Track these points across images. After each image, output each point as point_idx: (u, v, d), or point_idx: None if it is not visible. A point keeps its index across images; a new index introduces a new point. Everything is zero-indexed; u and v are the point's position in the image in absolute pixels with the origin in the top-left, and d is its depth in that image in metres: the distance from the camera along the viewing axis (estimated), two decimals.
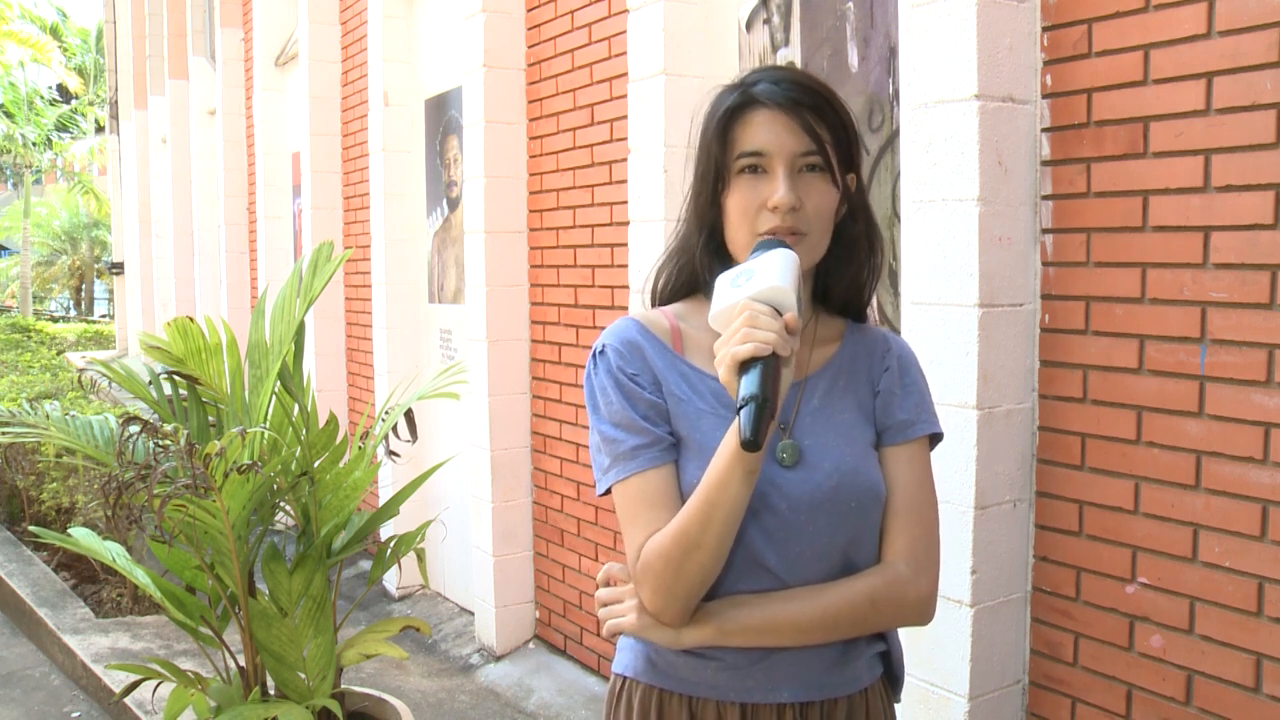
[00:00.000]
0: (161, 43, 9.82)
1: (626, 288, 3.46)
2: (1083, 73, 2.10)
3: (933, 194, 2.21)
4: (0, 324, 13.78)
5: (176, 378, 2.76)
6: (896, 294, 2.60)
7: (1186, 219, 1.95)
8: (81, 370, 8.22)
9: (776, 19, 2.99)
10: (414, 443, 2.92)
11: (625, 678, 1.35)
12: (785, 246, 1.18)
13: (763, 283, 1.12)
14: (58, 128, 22.81)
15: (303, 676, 2.72)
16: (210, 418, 2.83)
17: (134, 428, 2.48)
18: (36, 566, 5.25)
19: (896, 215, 2.59)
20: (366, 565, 5.29)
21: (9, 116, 21.55)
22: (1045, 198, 2.19)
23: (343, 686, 2.88)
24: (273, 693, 2.75)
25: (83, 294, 25.98)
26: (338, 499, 2.73)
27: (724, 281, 1.16)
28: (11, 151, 21.88)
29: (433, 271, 5.05)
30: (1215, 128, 1.89)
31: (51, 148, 23.20)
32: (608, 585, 1.33)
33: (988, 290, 2.14)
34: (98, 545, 2.65)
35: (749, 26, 3.11)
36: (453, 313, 4.85)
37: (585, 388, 1.33)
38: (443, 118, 4.85)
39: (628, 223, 3.32)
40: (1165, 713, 2.03)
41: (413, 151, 5.10)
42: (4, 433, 2.73)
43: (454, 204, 4.79)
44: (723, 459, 1.15)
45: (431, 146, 4.98)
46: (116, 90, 12.61)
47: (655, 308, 1.38)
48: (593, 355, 1.32)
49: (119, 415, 2.64)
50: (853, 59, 2.74)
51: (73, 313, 25.61)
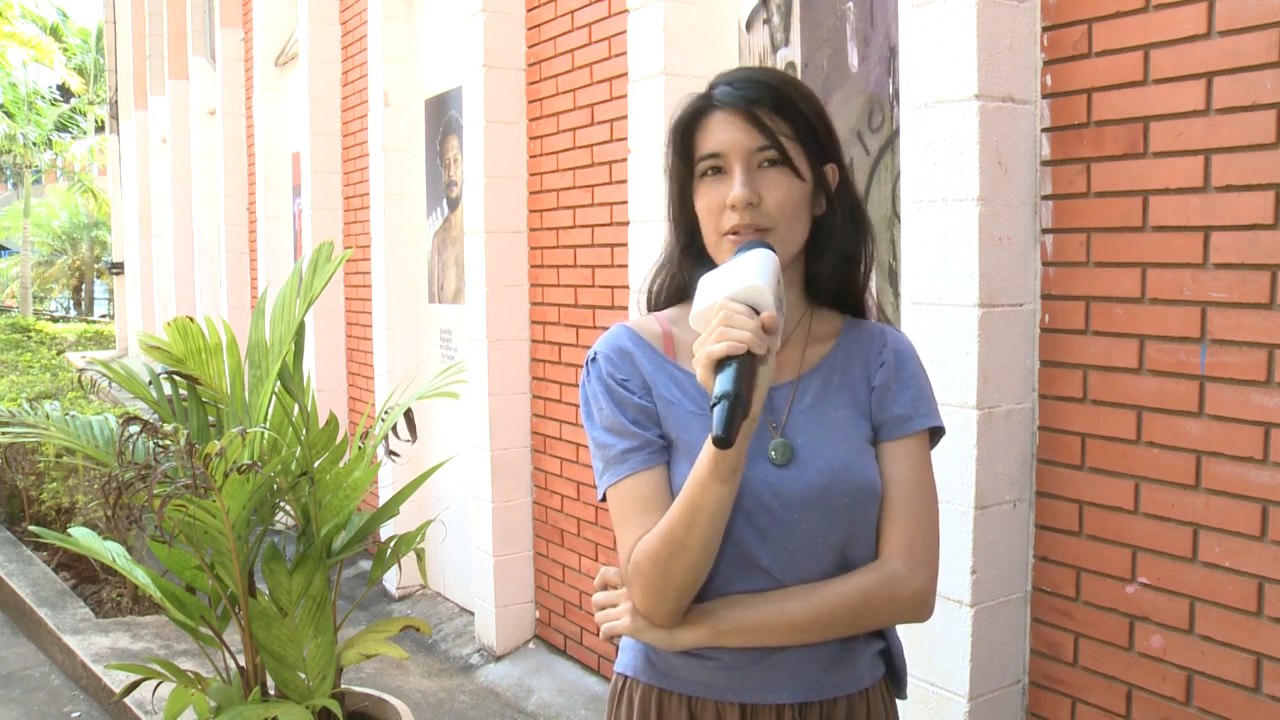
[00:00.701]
0: (161, 43, 9.82)
1: (626, 288, 3.46)
2: (1083, 73, 2.10)
3: (933, 194, 2.21)
4: (0, 324, 13.78)
5: (176, 378, 2.76)
6: (896, 294, 2.60)
7: (1186, 219, 1.95)
8: (81, 370, 8.22)
9: (776, 19, 2.99)
10: (414, 443, 2.92)
11: (626, 677, 1.35)
12: (766, 247, 1.19)
13: (740, 282, 1.13)
14: (58, 128, 22.82)
15: (303, 676, 2.72)
16: (210, 418, 2.83)
17: (134, 428, 2.48)
18: (36, 566, 5.25)
19: (896, 215, 2.59)
20: (366, 565, 5.29)
21: (9, 116, 21.56)
22: (1045, 198, 2.19)
23: (343, 686, 2.88)
24: (273, 693, 2.75)
25: (83, 294, 25.99)
26: (338, 499, 2.73)
27: (705, 283, 1.17)
28: (12, 151, 21.88)
29: (433, 271, 5.05)
30: (1215, 128, 1.89)
31: (51, 148, 23.20)
32: (604, 589, 1.33)
33: (988, 290, 2.14)
34: (98, 545, 2.65)
35: (749, 26, 3.11)
36: (453, 313, 4.85)
37: (580, 395, 1.34)
38: (443, 118, 4.85)
39: (628, 223, 3.33)
40: (1165, 713, 2.03)
41: (413, 151, 5.10)
42: (4, 433, 2.74)
43: (454, 204, 4.79)
44: (704, 460, 1.15)
45: (431, 146, 4.98)
46: (116, 90, 12.61)
47: (650, 313, 1.39)
48: (586, 363, 1.34)
49: (119, 415, 2.65)
50: (853, 59, 2.74)
51: (73, 313, 25.62)
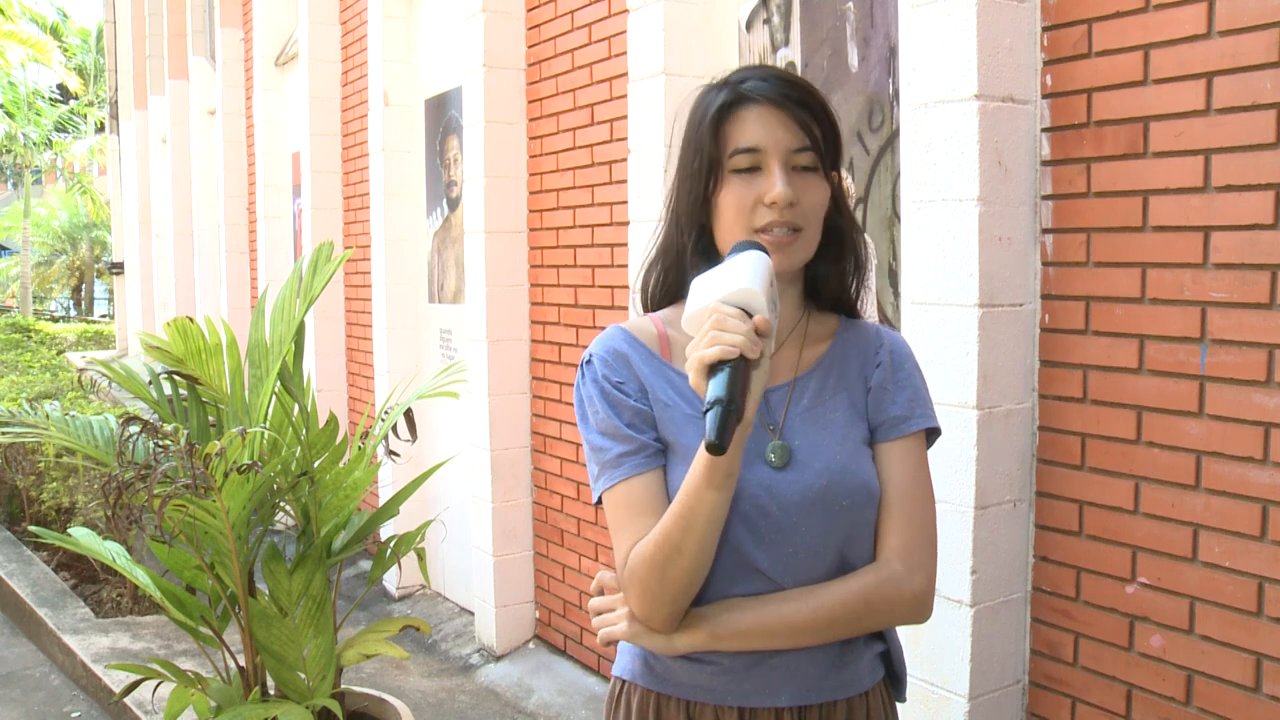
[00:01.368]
0: (161, 43, 9.82)
1: (626, 288, 3.46)
2: (1083, 73, 2.10)
3: (933, 194, 2.21)
4: (0, 324, 13.77)
5: (176, 378, 2.76)
6: (896, 294, 2.60)
7: (1186, 219, 1.95)
8: (81, 370, 8.22)
9: (776, 19, 2.99)
10: (414, 442, 2.92)
11: (624, 681, 1.35)
12: (758, 249, 1.17)
13: (732, 285, 1.11)
14: (57, 128, 22.81)
15: (303, 676, 2.72)
16: (210, 418, 2.83)
17: (134, 428, 2.48)
18: (36, 566, 5.25)
19: (896, 215, 2.59)
20: (366, 565, 5.29)
21: (10, 116, 21.55)
22: (1045, 198, 2.19)
23: (343, 686, 2.88)
24: (273, 693, 2.75)
25: (83, 294, 25.99)
26: (338, 499, 2.73)
27: (697, 285, 1.15)
28: (12, 151, 21.88)
29: (433, 271, 5.05)
30: (1215, 128, 1.89)
31: (51, 148, 23.20)
32: (601, 593, 1.32)
33: (988, 290, 2.14)
34: (98, 545, 2.65)
35: (749, 26, 3.11)
36: (453, 313, 4.85)
37: (574, 398, 1.33)
38: (443, 118, 4.85)
39: (628, 223, 3.33)
40: (1165, 713, 2.03)
41: (413, 151, 5.10)
42: (4, 433, 2.73)
43: (454, 204, 4.79)
44: (698, 465, 1.14)
45: (431, 146, 4.98)
46: (116, 90, 12.62)
47: (647, 312, 1.37)
48: (581, 366, 1.32)
49: (119, 415, 2.64)
50: (853, 59, 2.74)
51: (73, 313, 25.62)
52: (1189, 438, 1.97)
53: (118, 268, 13.10)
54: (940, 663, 2.23)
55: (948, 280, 2.18)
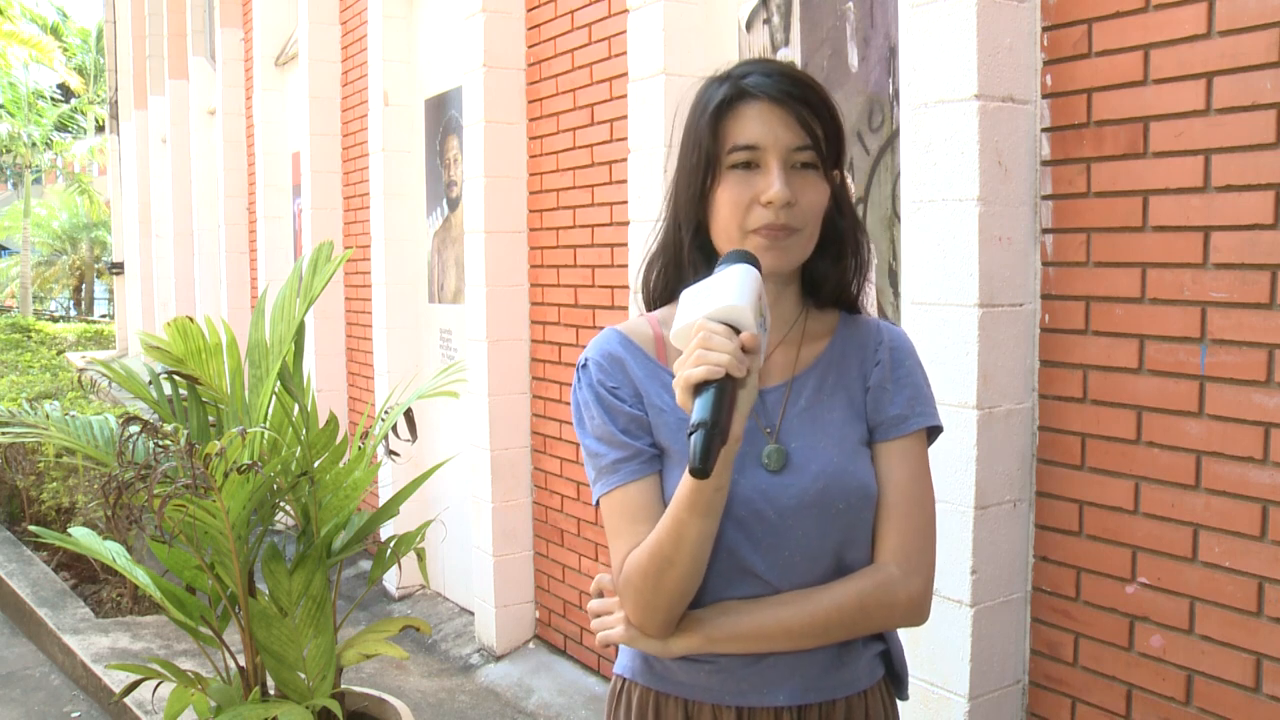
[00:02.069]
0: (161, 43, 9.82)
1: (626, 288, 3.46)
2: (1083, 73, 2.10)
3: (933, 194, 2.21)
4: (0, 324, 13.77)
5: (176, 378, 2.76)
6: (896, 294, 2.60)
7: (1186, 219, 1.95)
8: (81, 370, 8.22)
9: (776, 19, 2.99)
10: (414, 442, 2.92)
11: (624, 679, 1.35)
12: (748, 261, 1.14)
13: (719, 301, 1.08)
14: (58, 128, 22.81)
15: (303, 676, 2.72)
16: (210, 418, 2.83)
17: (134, 428, 2.48)
18: (36, 566, 5.25)
19: (896, 215, 2.59)
20: (366, 565, 5.29)
21: (11, 116, 21.55)
22: (1045, 198, 2.19)
23: (343, 686, 2.88)
24: (273, 693, 2.75)
25: (83, 294, 25.98)
26: (338, 499, 2.73)
27: (686, 298, 1.12)
28: (13, 151, 21.88)
29: (433, 271, 5.05)
30: (1215, 128, 1.89)
31: (52, 148, 23.20)
32: (600, 596, 1.33)
33: (988, 290, 2.14)
34: (98, 545, 2.65)
35: (749, 26, 3.11)
36: (453, 313, 4.85)
37: (571, 402, 1.32)
38: (443, 118, 4.85)
39: (628, 223, 3.33)
40: (1165, 713, 2.03)
41: (413, 151, 5.10)
42: (4, 433, 2.73)
43: (454, 204, 4.79)
44: (683, 491, 1.13)
45: (431, 146, 4.98)
46: (116, 90, 12.61)
47: (648, 309, 1.36)
48: (577, 370, 1.31)
49: (119, 415, 2.64)
50: (853, 59, 2.74)
51: (73, 313, 25.61)
52: (1189, 438, 1.97)
53: (118, 268, 13.10)
54: (940, 663, 2.23)
55: (948, 280, 2.18)
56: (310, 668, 2.72)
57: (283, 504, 2.79)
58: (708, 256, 1.27)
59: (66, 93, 23.38)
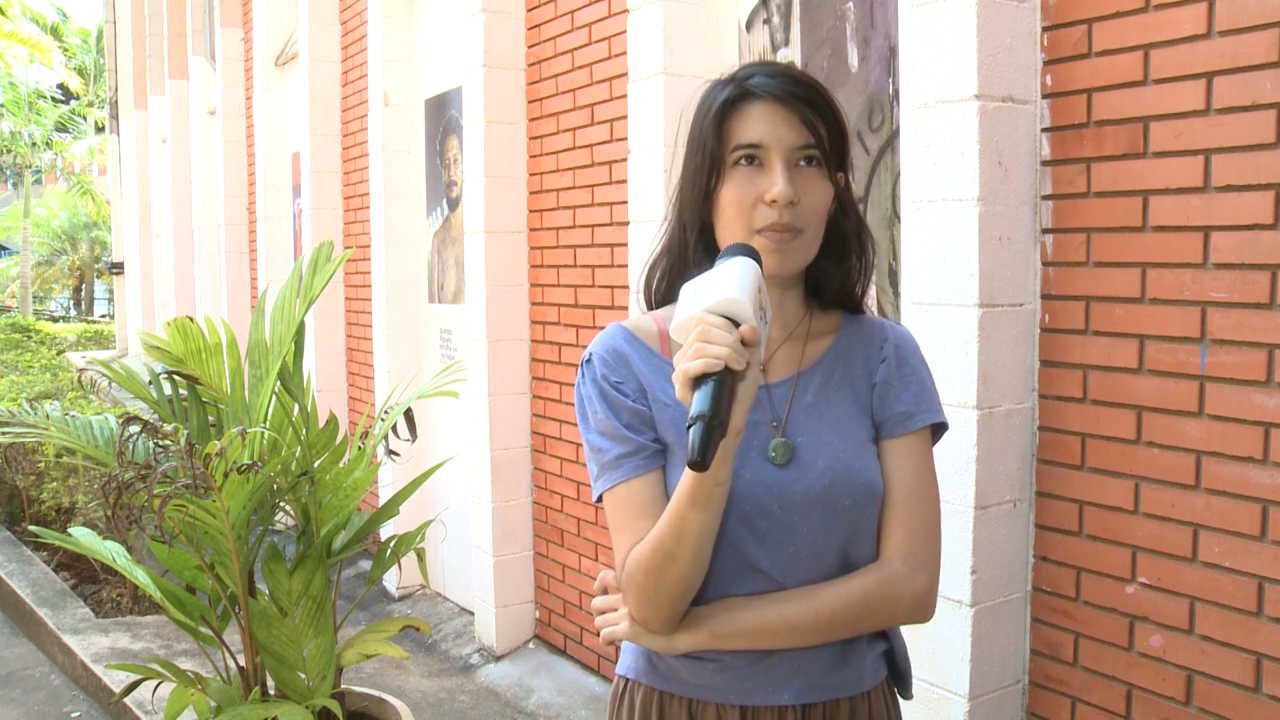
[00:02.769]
0: (161, 43, 9.82)
1: (626, 288, 3.46)
2: (1083, 73, 2.10)
3: (933, 194, 2.21)
4: (0, 324, 13.77)
5: (176, 378, 2.76)
6: (896, 294, 2.60)
7: (1186, 219, 1.95)
8: (81, 370, 8.22)
9: (776, 19, 2.99)
10: (414, 442, 2.92)
11: (627, 679, 1.35)
12: (749, 254, 1.14)
13: (718, 294, 1.08)
14: (58, 128, 22.81)
15: (303, 676, 2.72)
16: (210, 418, 2.83)
17: (134, 428, 2.48)
18: (36, 566, 5.25)
19: (896, 215, 2.59)
20: (366, 565, 5.29)
21: (11, 116, 21.55)
22: (1045, 198, 2.19)
23: (343, 686, 2.88)
24: (273, 693, 2.75)
25: (83, 294, 25.98)
26: (338, 499, 2.73)
27: (686, 292, 1.12)
28: (13, 151, 21.88)
29: (433, 271, 5.05)
30: (1215, 128, 1.89)
31: (52, 148, 23.20)
32: (603, 593, 1.32)
33: (988, 290, 2.14)
34: (98, 545, 2.65)
35: (749, 26, 3.11)
36: (453, 313, 4.85)
37: (575, 398, 1.32)
38: (443, 118, 4.85)
39: (628, 223, 3.33)
40: (1165, 713, 2.03)
41: (413, 151, 5.10)
42: (4, 433, 2.73)
43: (454, 204, 4.79)
44: (684, 485, 1.13)
45: (431, 146, 4.98)
46: (116, 90, 12.61)
47: (650, 310, 1.36)
48: (581, 365, 1.31)
49: (119, 415, 2.64)
50: (853, 59, 2.74)
51: (73, 313, 25.61)
52: (1189, 438, 1.97)
53: (118, 268, 13.10)
54: (940, 663, 2.23)
55: (948, 280, 2.18)
56: (310, 668, 2.72)
57: (283, 504, 2.79)
58: (713, 258, 1.27)
59: (66, 93, 23.37)
